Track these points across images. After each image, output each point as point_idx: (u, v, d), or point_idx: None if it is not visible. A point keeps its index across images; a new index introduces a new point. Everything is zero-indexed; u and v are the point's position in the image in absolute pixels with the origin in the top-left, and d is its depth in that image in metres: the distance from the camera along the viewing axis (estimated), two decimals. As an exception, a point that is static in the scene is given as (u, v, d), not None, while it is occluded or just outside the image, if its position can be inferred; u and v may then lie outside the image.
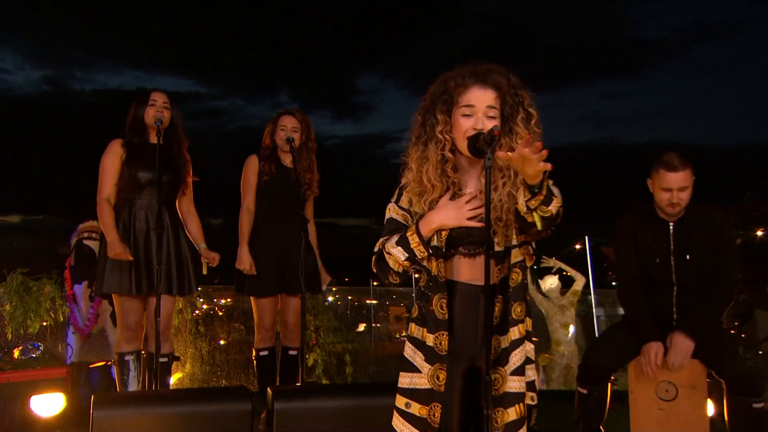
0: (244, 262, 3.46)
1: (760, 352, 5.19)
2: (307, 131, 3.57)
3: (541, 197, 1.59)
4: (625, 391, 3.10)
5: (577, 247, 8.81)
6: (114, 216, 3.16)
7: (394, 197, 1.87)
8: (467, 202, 1.75)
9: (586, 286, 7.43)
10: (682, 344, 2.83)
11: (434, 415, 1.74)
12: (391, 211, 1.86)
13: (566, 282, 7.24)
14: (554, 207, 1.61)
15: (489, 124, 1.70)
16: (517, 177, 1.74)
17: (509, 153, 1.56)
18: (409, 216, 1.82)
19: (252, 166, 3.57)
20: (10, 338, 4.47)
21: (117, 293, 3.15)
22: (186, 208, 3.41)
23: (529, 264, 1.80)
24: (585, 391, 3.04)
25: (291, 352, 3.59)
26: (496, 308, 1.75)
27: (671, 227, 2.98)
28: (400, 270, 1.79)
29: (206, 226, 3.56)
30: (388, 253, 1.77)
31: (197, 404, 2.75)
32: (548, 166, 1.52)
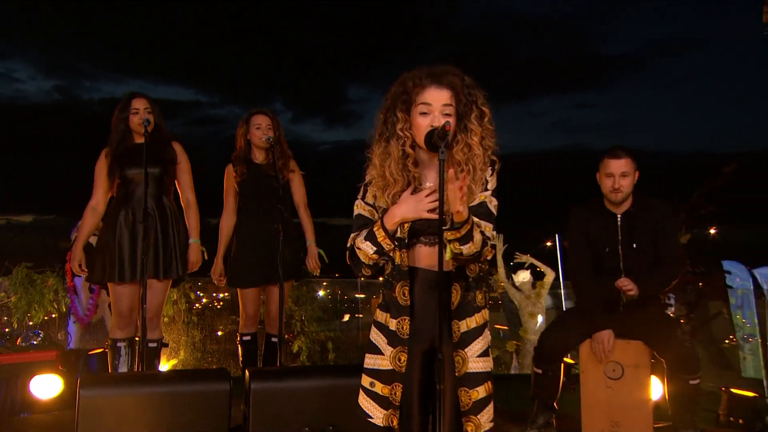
0: (215, 272, 3.54)
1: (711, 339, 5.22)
2: (279, 128, 3.54)
3: (458, 235, 1.61)
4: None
5: (548, 244, 8.83)
6: (92, 225, 3.18)
7: (360, 194, 1.86)
8: (427, 196, 1.74)
9: (557, 279, 7.45)
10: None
11: (395, 394, 1.75)
12: (359, 208, 1.85)
13: (538, 277, 7.26)
14: (467, 250, 1.64)
15: (444, 122, 1.69)
16: (475, 173, 1.74)
17: (450, 173, 1.57)
18: (374, 211, 1.81)
19: (228, 175, 3.56)
20: (15, 327, 4.45)
21: (107, 281, 3.13)
22: (185, 198, 3.34)
23: (489, 257, 1.79)
24: (540, 371, 3.04)
25: (273, 339, 3.56)
26: (453, 294, 1.75)
27: (619, 219, 3.00)
28: (371, 263, 1.78)
29: (206, 225, 3.53)
30: (359, 248, 1.77)
31: (179, 385, 2.72)
32: (458, 208, 1.55)
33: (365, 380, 1.80)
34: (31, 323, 4.48)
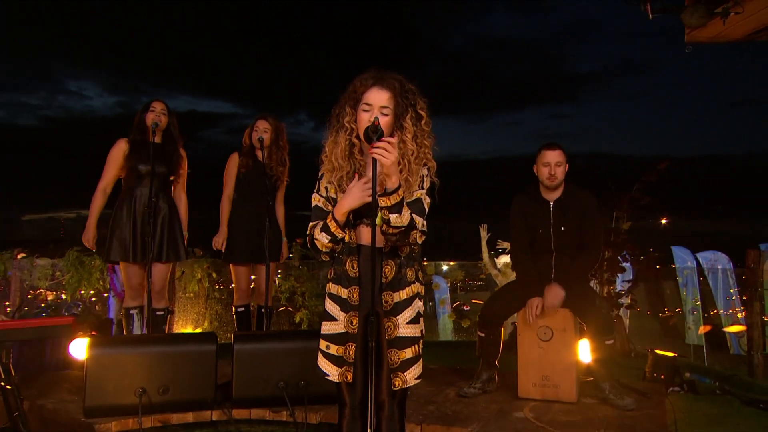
0: (217, 241, 3.47)
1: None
2: (278, 133, 3.46)
3: (389, 202, 1.54)
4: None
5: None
6: (102, 206, 3.14)
7: (316, 187, 1.81)
8: (366, 184, 1.67)
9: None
10: (555, 291, 2.74)
11: (349, 353, 1.70)
12: (315, 200, 1.79)
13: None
14: (395, 220, 1.56)
15: (382, 119, 1.63)
16: (410, 165, 1.67)
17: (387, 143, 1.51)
18: (327, 201, 1.76)
19: (233, 161, 3.48)
20: (69, 301, 4.49)
21: (120, 261, 3.12)
22: (177, 195, 3.30)
23: (420, 241, 1.70)
24: (483, 335, 2.93)
25: (262, 310, 3.50)
26: (387, 269, 1.69)
27: (551, 206, 2.87)
28: (327, 250, 1.73)
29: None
30: (316, 239, 1.71)
31: (172, 346, 2.69)
32: (383, 160, 1.49)
33: (322, 344, 1.75)
34: (94, 299, 4.51)
